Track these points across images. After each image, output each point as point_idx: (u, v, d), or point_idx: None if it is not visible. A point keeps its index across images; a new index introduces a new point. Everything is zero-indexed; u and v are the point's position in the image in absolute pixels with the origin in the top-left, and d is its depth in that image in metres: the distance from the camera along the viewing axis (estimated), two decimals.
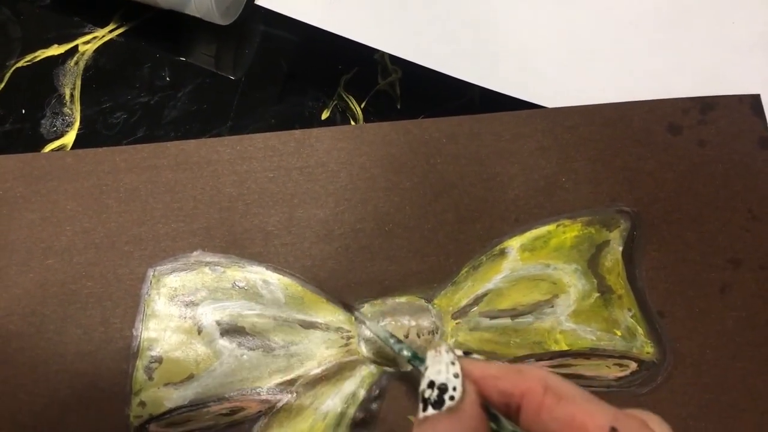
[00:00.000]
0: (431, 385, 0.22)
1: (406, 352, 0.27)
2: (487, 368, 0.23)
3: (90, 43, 0.42)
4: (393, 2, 0.41)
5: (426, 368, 0.22)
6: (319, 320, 0.35)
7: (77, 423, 0.33)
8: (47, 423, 0.33)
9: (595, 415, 0.21)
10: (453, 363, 0.22)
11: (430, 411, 0.21)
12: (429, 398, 0.22)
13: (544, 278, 0.36)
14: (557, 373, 0.34)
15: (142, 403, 0.33)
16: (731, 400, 0.35)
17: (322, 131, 0.38)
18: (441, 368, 0.22)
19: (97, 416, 0.33)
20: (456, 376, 0.22)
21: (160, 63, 0.42)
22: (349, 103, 0.42)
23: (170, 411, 0.33)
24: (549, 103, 0.39)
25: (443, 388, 0.22)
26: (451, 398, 0.21)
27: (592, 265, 0.36)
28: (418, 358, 0.26)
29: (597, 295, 0.36)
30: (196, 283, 0.35)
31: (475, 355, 0.24)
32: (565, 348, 0.35)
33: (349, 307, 0.35)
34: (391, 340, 0.29)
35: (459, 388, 0.22)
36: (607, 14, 0.42)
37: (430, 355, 0.23)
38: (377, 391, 0.34)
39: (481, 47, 0.41)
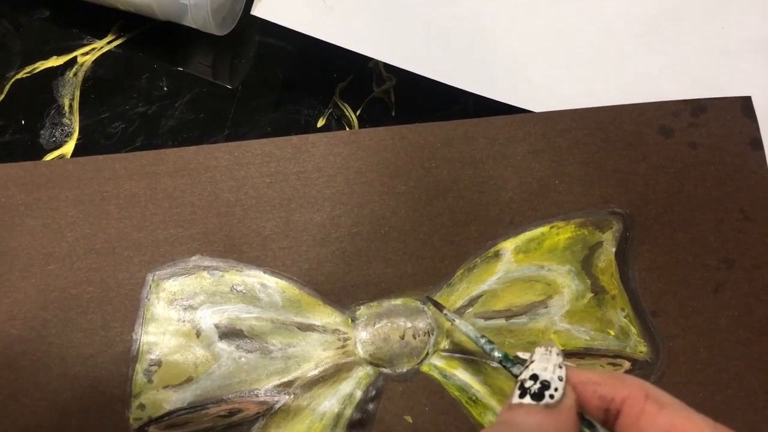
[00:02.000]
0: (534, 378, 0.24)
1: (497, 353, 0.30)
2: (587, 374, 0.25)
3: (89, 54, 0.44)
4: (386, 12, 0.44)
5: (532, 361, 0.25)
6: (316, 322, 0.37)
7: (78, 426, 0.35)
8: (49, 426, 0.35)
9: (698, 423, 0.23)
10: (560, 366, 0.25)
11: (528, 400, 0.24)
12: (529, 388, 0.24)
13: (539, 279, 0.38)
14: None
15: (142, 406, 0.35)
16: (725, 398, 0.36)
17: (318, 137, 0.40)
18: (548, 366, 0.25)
19: (97, 419, 0.35)
20: (561, 378, 0.24)
21: (157, 73, 0.44)
22: (345, 110, 0.44)
23: (169, 413, 0.35)
24: (541, 108, 0.42)
25: (546, 385, 0.24)
26: (551, 396, 0.24)
27: (586, 266, 0.38)
28: (509, 360, 0.29)
29: (591, 295, 0.38)
30: (195, 287, 0.37)
31: (569, 363, 0.26)
32: (560, 348, 0.37)
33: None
34: (482, 340, 0.31)
35: (560, 390, 0.24)
36: (599, 19, 0.44)
37: (539, 351, 0.26)
38: (374, 392, 0.36)
39: (473, 55, 0.43)
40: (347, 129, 0.43)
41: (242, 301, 0.37)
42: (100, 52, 0.44)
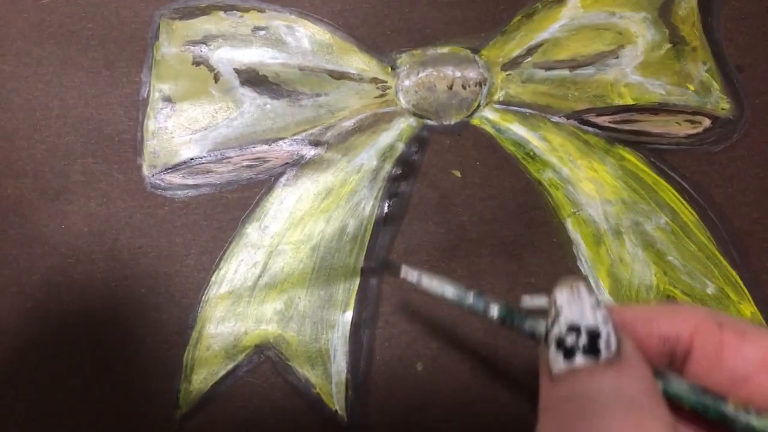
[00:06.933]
0: (574, 329, 0.18)
1: (496, 311, 0.22)
2: (634, 311, 0.19)
3: None
4: None
5: (559, 308, 0.19)
6: (351, 70, 0.33)
7: (83, 171, 0.31)
8: (50, 170, 0.31)
9: None
10: (599, 305, 0.19)
11: (581, 360, 0.18)
12: (576, 345, 0.18)
13: (609, 27, 0.33)
14: (620, 129, 0.32)
15: (155, 153, 0.31)
16: None
17: None
18: (585, 310, 0.18)
19: (105, 164, 0.31)
20: (605, 321, 0.18)
21: None
22: None
23: (186, 161, 0.31)
24: None
25: (595, 333, 0.18)
26: (608, 347, 0.18)
27: (664, 13, 0.34)
28: (518, 316, 0.21)
29: (668, 46, 0.33)
30: (210, 29, 0.33)
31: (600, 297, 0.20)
32: (631, 102, 0.33)
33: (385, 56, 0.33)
34: (470, 295, 0.22)
35: (613, 336, 0.18)
36: None
37: (563, 294, 0.19)
38: (417, 145, 0.32)
39: None
40: None
41: (266, 45, 0.33)
42: None
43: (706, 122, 0.33)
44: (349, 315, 0.30)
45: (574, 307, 0.19)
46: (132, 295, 0.30)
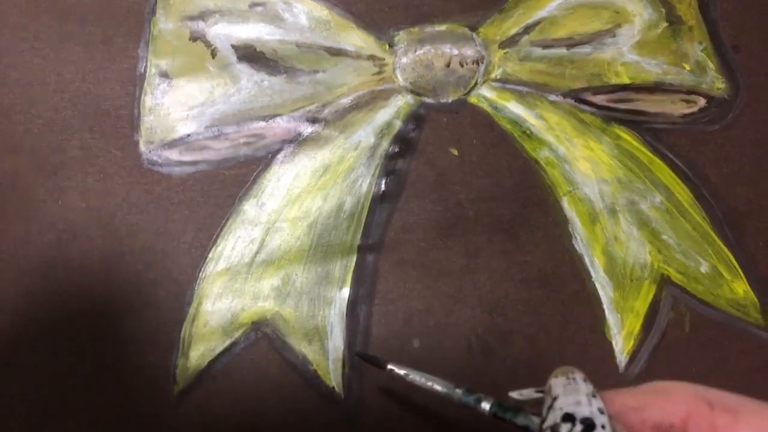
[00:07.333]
0: (569, 418, 0.18)
1: (486, 404, 0.21)
2: (625, 398, 0.19)
3: None
4: None
5: (554, 398, 0.19)
6: (348, 47, 0.33)
7: (81, 146, 0.31)
8: (48, 145, 0.31)
9: None
10: (594, 395, 0.18)
11: None
12: None
13: (606, 6, 0.33)
14: (616, 108, 0.32)
15: (152, 129, 0.31)
16: None
17: None
18: (581, 399, 0.18)
19: (103, 139, 0.31)
20: (602, 411, 0.18)
21: None
22: None
23: (183, 137, 0.31)
24: None
25: (590, 423, 0.18)
26: None
27: None
28: (509, 410, 0.21)
29: (665, 25, 0.33)
30: (208, 4, 0.33)
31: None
32: (627, 81, 0.33)
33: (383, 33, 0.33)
34: (458, 391, 0.23)
35: (608, 426, 0.18)
36: None
37: (559, 383, 0.19)
38: (414, 122, 0.32)
39: None
40: None
41: (263, 21, 0.33)
42: None
43: (702, 102, 0.33)
44: (346, 292, 0.30)
45: (570, 396, 0.19)
46: (129, 272, 0.30)
